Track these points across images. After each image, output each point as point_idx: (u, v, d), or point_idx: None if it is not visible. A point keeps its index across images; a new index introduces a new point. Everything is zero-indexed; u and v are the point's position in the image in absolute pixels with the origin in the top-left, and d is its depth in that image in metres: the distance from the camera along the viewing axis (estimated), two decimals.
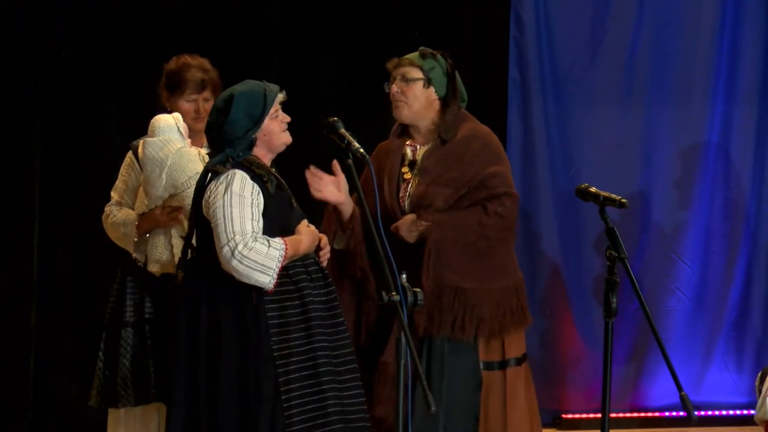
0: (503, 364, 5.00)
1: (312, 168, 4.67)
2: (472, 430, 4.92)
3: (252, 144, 4.30)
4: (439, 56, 5.00)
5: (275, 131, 4.34)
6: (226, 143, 4.28)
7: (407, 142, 5.04)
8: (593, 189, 4.69)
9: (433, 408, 3.79)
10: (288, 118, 4.39)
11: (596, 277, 6.84)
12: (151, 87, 6.71)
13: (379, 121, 6.92)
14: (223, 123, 4.26)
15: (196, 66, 5.25)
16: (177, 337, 4.29)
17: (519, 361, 5.04)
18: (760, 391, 5.61)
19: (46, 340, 6.68)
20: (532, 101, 6.89)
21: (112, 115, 6.72)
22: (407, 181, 4.98)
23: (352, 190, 4.68)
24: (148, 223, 4.99)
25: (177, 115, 5.11)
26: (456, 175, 4.89)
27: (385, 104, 5.03)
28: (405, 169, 4.99)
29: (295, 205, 4.44)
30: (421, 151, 5.00)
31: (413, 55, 5.00)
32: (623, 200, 4.61)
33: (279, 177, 4.38)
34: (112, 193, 5.22)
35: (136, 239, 5.02)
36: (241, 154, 4.28)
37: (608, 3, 6.91)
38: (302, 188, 4.72)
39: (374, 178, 4.38)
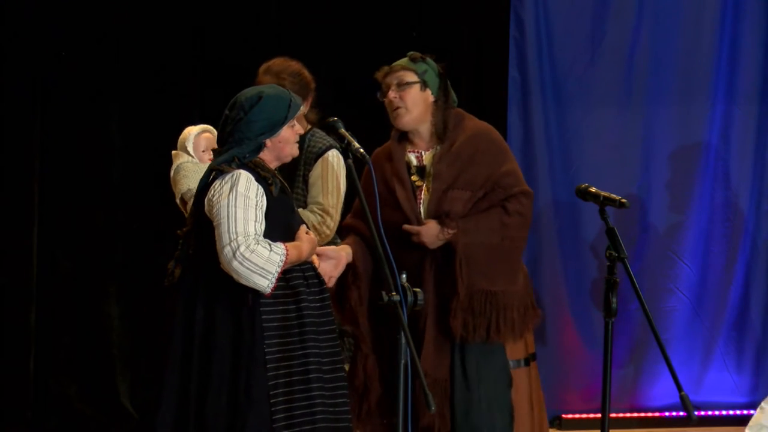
0: (527, 361, 5.02)
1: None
2: (509, 430, 4.91)
3: (260, 148, 4.27)
4: (428, 59, 4.94)
5: (289, 140, 4.32)
6: (235, 142, 4.25)
7: (408, 149, 4.93)
8: (593, 189, 4.69)
9: (432, 408, 3.79)
10: (302, 131, 4.37)
11: (596, 277, 6.84)
12: (150, 87, 6.73)
13: (378, 121, 6.94)
14: (241, 120, 4.24)
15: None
16: (171, 333, 4.29)
17: (534, 356, 5.06)
18: None
19: (46, 340, 6.68)
20: (532, 101, 6.89)
21: (112, 115, 6.72)
22: (419, 188, 4.88)
23: (353, 191, 4.66)
24: None
25: (198, 128, 5.14)
26: (470, 177, 4.82)
27: (378, 111, 4.95)
28: (414, 177, 4.88)
29: (296, 209, 4.43)
30: (427, 156, 4.89)
31: (404, 61, 4.89)
32: (623, 200, 4.60)
33: (283, 181, 4.37)
34: None
35: None
36: (248, 155, 4.26)
37: (608, 3, 6.91)
38: None
39: (374, 179, 4.37)
